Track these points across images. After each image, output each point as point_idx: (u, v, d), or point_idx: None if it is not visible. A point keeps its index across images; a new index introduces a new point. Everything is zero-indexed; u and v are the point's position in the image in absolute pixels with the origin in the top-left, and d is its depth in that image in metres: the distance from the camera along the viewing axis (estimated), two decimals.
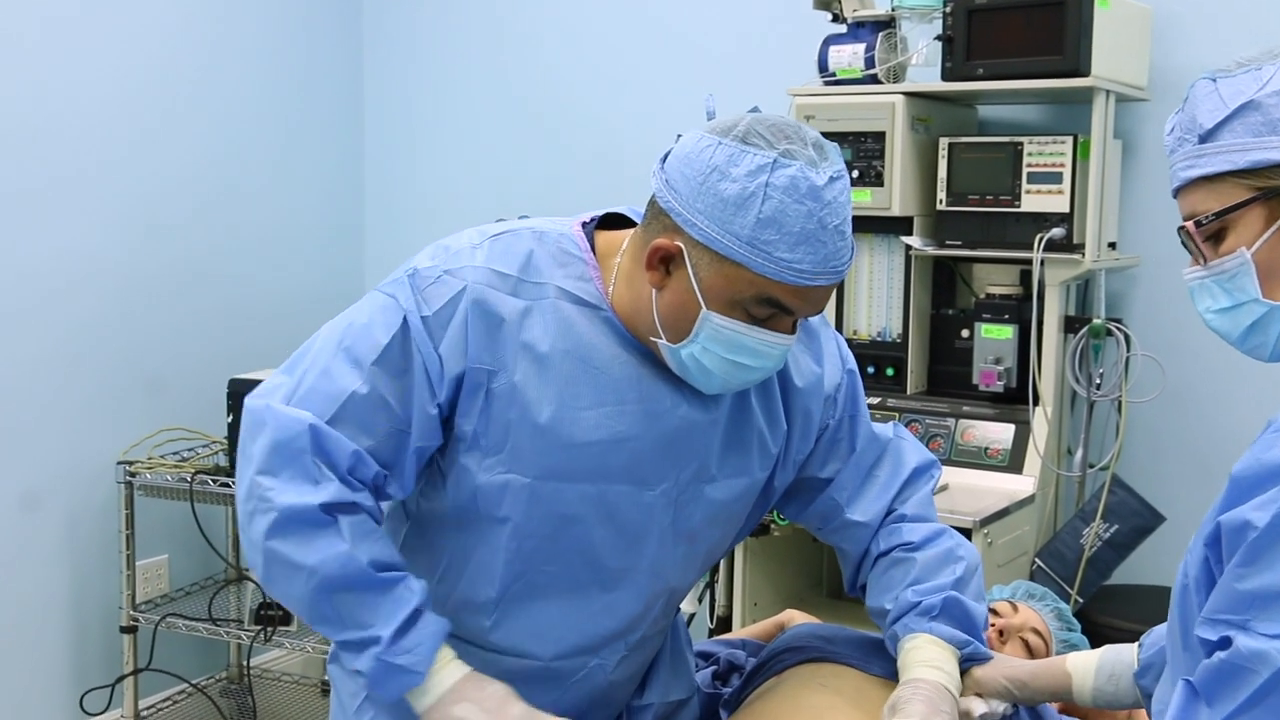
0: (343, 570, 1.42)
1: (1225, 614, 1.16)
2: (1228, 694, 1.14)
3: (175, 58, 3.57)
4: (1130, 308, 3.19)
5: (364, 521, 1.46)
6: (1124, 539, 2.85)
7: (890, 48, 3.08)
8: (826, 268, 1.41)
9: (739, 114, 1.45)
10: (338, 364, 1.47)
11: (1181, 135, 1.30)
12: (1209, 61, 3.32)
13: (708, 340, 1.44)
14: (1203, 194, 1.28)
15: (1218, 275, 1.28)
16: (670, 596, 1.67)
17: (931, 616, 1.62)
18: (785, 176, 1.38)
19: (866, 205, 3.02)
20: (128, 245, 3.46)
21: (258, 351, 3.71)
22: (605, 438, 1.50)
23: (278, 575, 1.45)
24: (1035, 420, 2.93)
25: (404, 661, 1.44)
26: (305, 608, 1.46)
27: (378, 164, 4.24)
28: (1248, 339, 1.29)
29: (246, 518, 1.47)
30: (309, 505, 1.42)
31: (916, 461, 1.75)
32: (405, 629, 1.44)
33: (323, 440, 1.44)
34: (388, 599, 1.44)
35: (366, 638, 1.44)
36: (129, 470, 3.31)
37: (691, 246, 1.41)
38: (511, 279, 1.50)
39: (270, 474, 1.44)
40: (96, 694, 3.39)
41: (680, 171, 1.43)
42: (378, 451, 1.47)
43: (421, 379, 1.46)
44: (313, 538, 1.42)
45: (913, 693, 1.54)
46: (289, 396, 1.47)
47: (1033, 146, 2.91)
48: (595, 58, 3.85)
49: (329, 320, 1.55)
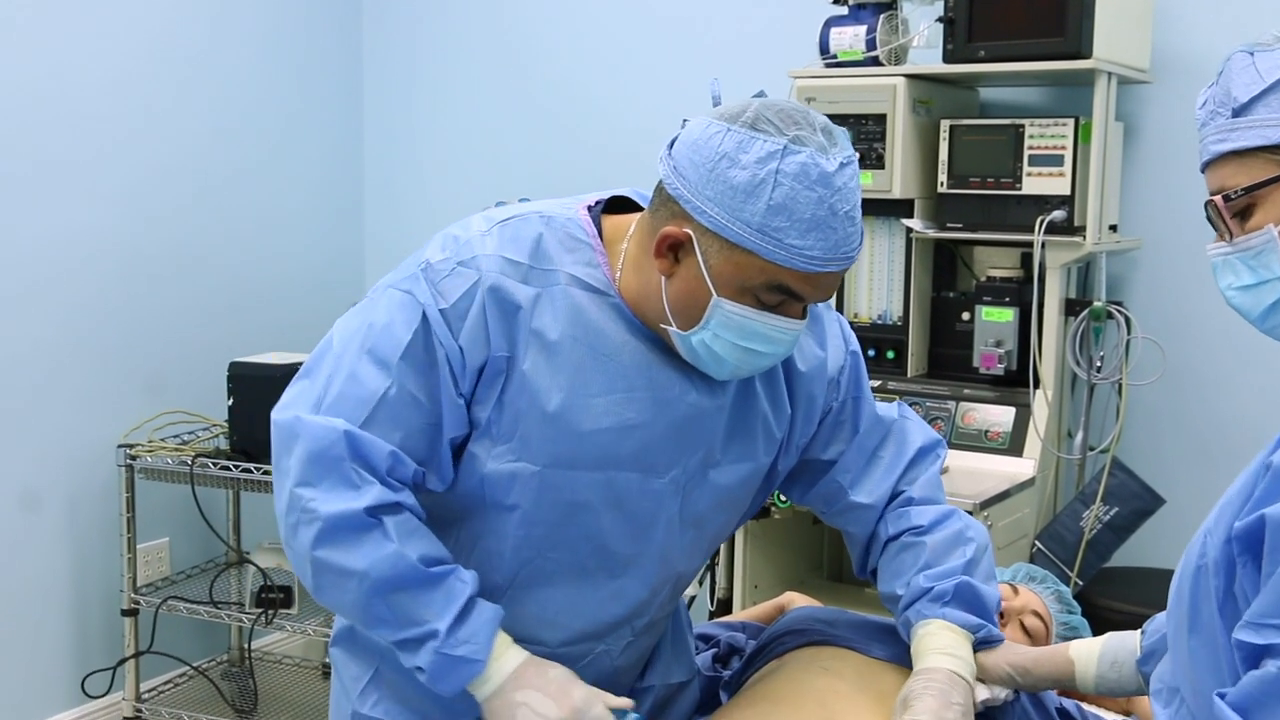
0: (394, 570, 1.43)
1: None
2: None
3: (174, 41, 3.56)
4: (1131, 290, 3.19)
5: (408, 520, 1.46)
6: (1124, 521, 2.85)
7: (891, 29, 3.07)
8: (837, 254, 1.40)
9: (746, 100, 1.44)
10: (363, 366, 1.46)
11: (1214, 109, 1.27)
12: (1212, 43, 3.32)
13: (719, 327, 1.44)
14: (1232, 169, 1.25)
15: (1242, 252, 1.26)
16: (677, 582, 1.67)
17: (944, 602, 1.62)
18: (796, 163, 1.37)
19: (867, 188, 3.00)
20: (129, 229, 3.46)
21: (258, 335, 3.71)
22: (614, 425, 1.50)
23: (328, 585, 1.46)
24: (1036, 403, 2.93)
25: (463, 652, 1.44)
26: (360, 613, 1.46)
27: (377, 147, 4.23)
28: (1268, 317, 1.27)
29: (290, 530, 1.46)
30: (353, 510, 1.42)
31: (921, 441, 1.75)
32: (461, 619, 1.44)
33: (359, 445, 1.44)
34: (440, 592, 1.45)
35: (424, 633, 1.44)
36: (130, 454, 3.31)
37: (701, 234, 1.41)
38: (523, 266, 1.49)
39: (310, 485, 1.44)
40: (98, 677, 3.40)
41: (688, 158, 1.42)
42: (413, 449, 1.47)
43: (446, 372, 1.46)
44: (360, 542, 1.43)
45: (925, 686, 1.54)
46: (317, 405, 1.47)
47: (1034, 129, 2.90)
48: (594, 40, 3.84)
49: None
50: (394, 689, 1.59)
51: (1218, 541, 1.22)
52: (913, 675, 1.57)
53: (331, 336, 1.53)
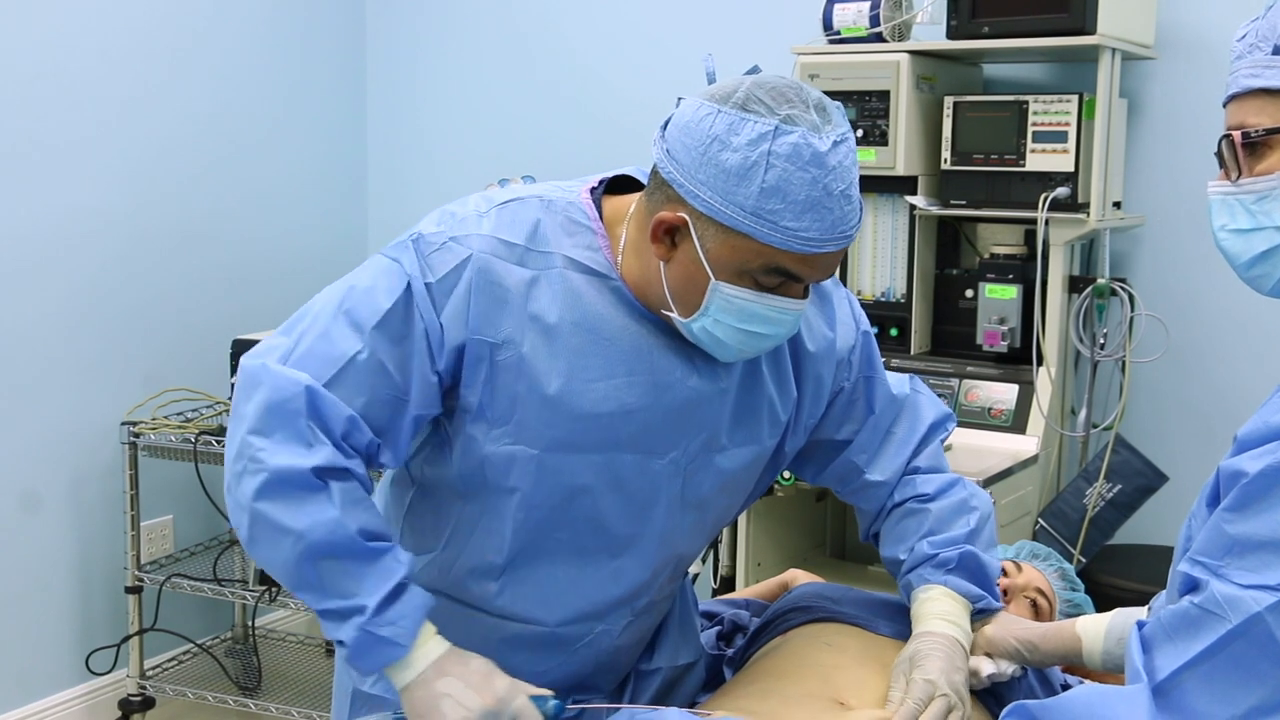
0: (330, 536, 1.39)
1: (1206, 556, 1.16)
2: (1191, 637, 1.14)
3: (175, 16, 3.55)
4: (1135, 267, 3.18)
5: (355, 489, 1.43)
6: (1127, 499, 2.85)
7: (895, 5, 3.06)
8: (834, 233, 1.38)
9: (738, 78, 1.43)
10: (338, 327, 1.44)
11: (1254, 42, 1.24)
12: (1216, 19, 3.30)
13: (719, 312, 1.43)
14: (1258, 106, 1.23)
15: (1246, 194, 1.24)
16: (678, 563, 1.67)
17: (948, 569, 1.63)
18: (787, 144, 1.35)
19: (871, 165, 3.00)
20: (131, 205, 3.45)
21: (261, 312, 3.70)
22: (614, 409, 1.49)
23: (263, 537, 1.42)
24: (1039, 380, 2.92)
25: (387, 633, 1.40)
26: (289, 573, 1.43)
27: (381, 122, 4.22)
28: (1254, 266, 1.26)
29: (235, 478, 1.43)
30: (301, 468, 1.39)
31: (933, 417, 1.76)
32: (390, 600, 1.41)
33: (319, 403, 1.41)
34: (374, 569, 1.41)
35: (350, 606, 1.40)
36: (133, 431, 3.31)
37: (696, 218, 1.39)
38: (519, 249, 1.47)
39: (262, 434, 1.41)
40: (102, 654, 3.41)
41: (681, 141, 1.40)
42: (373, 418, 1.44)
43: (422, 345, 1.44)
44: (303, 501, 1.39)
45: (931, 647, 1.54)
46: (286, 357, 1.44)
47: (1038, 105, 2.89)
48: (599, 15, 3.82)
49: (332, 281, 1.54)
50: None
51: (1201, 519, 1.23)
52: (915, 636, 1.58)
53: (316, 296, 1.51)
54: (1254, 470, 1.14)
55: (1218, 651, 1.13)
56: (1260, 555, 1.12)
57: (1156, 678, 1.18)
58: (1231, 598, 1.12)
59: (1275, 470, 1.12)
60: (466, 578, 1.58)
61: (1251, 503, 1.14)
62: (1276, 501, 1.12)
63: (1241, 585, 1.12)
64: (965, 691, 1.53)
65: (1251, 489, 1.14)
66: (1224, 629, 1.13)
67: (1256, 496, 1.13)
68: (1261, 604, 1.11)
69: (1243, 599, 1.12)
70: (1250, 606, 1.11)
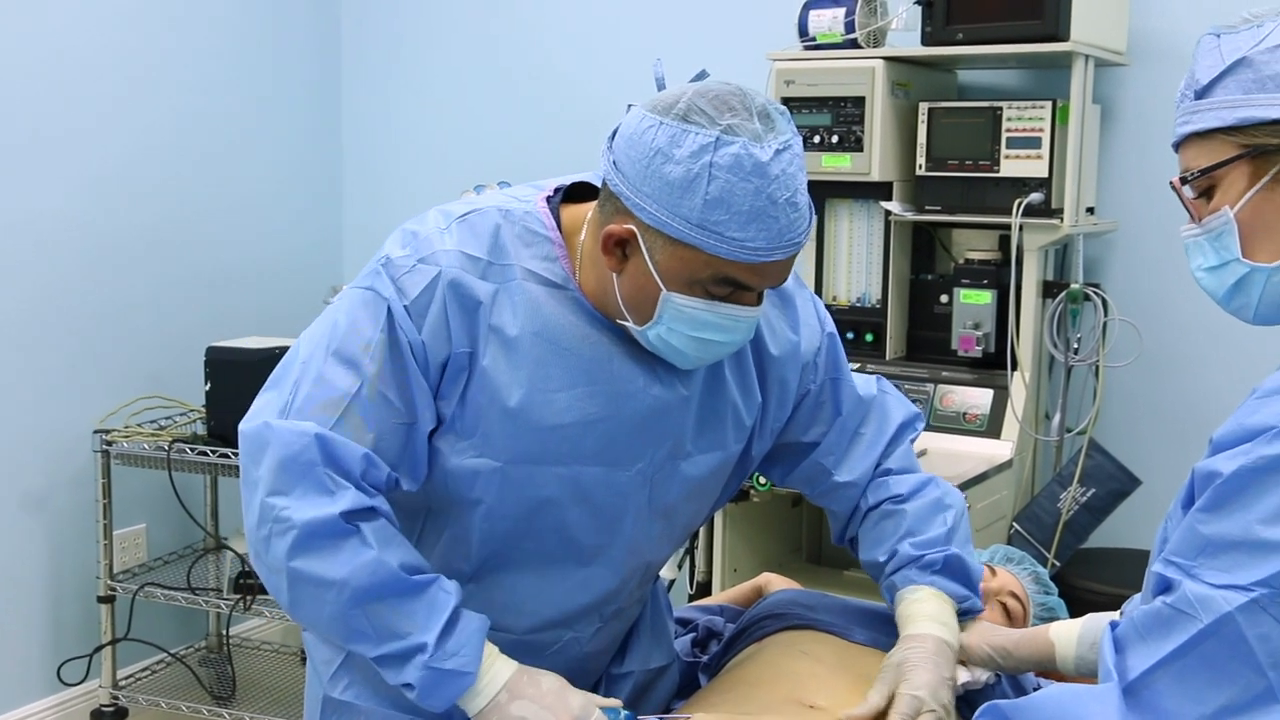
0: (374, 578, 1.38)
1: (1180, 556, 1.17)
2: (1163, 637, 1.15)
3: (150, 18, 3.53)
4: (1108, 272, 3.20)
5: (385, 526, 1.43)
6: (1101, 503, 2.87)
7: (870, 12, 3.07)
8: (781, 242, 1.38)
9: (682, 86, 1.42)
10: (331, 368, 1.43)
11: (1184, 91, 1.29)
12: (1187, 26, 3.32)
13: (672, 321, 1.43)
14: (1195, 150, 1.27)
15: (1207, 233, 1.27)
16: (647, 570, 1.66)
17: (935, 570, 1.63)
18: (729, 155, 1.35)
19: (846, 170, 3.01)
20: (103, 210, 3.43)
21: (236, 318, 3.69)
22: (577, 420, 1.48)
23: (305, 597, 1.40)
24: (1013, 385, 2.94)
25: (453, 665, 1.39)
26: (339, 626, 1.41)
27: (356, 128, 4.21)
28: (1232, 299, 1.29)
29: (263, 544, 1.40)
30: (330, 516, 1.37)
31: (902, 417, 1.76)
32: (448, 631, 1.40)
33: (332, 449, 1.39)
34: (423, 603, 1.40)
35: (409, 647, 1.39)
36: (106, 439, 3.29)
37: (644, 230, 1.39)
38: (482, 262, 1.47)
39: (282, 493, 1.39)
40: (74, 664, 3.38)
41: (626, 154, 1.40)
42: (385, 450, 1.43)
43: (414, 365, 1.44)
44: (338, 549, 1.38)
45: (920, 657, 1.54)
46: (285, 410, 1.43)
47: (1012, 111, 2.91)
48: (574, 22, 3.83)
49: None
50: (364, 673, 1.58)
51: (1176, 522, 1.24)
52: (903, 639, 1.58)
53: (297, 346, 1.50)
54: (1228, 471, 1.15)
55: (1189, 651, 1.14)
56: (1232, 555, 1.13)
57: (1128, 677, 1.18)
58: (1203, 597, 1.13)
59: (1249, 471, 1.13)
60: None
61: (1225, 503, 1.15)
62: (1249, 501, 1.13)
63: (1214, 585, 1.13)
64: (952, 704, 1.53)
65: (1225, 489, 1.15)
66: (1195, 629, 1.13)
67: (1230, 496, 1.14)
68: (1233, 604, 1.11)
69: (1214, 599, 1.13)
70: (1221, 606, 1.12)
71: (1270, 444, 1.12)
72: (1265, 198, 1.23)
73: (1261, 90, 1.21)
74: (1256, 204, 1.23)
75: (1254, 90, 1.21)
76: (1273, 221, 1.23)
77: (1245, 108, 1.22)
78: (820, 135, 3.02)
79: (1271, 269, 1.24)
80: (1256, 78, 1.22)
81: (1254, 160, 1.22)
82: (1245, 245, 1.25)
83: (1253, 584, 1.11)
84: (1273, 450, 1.12)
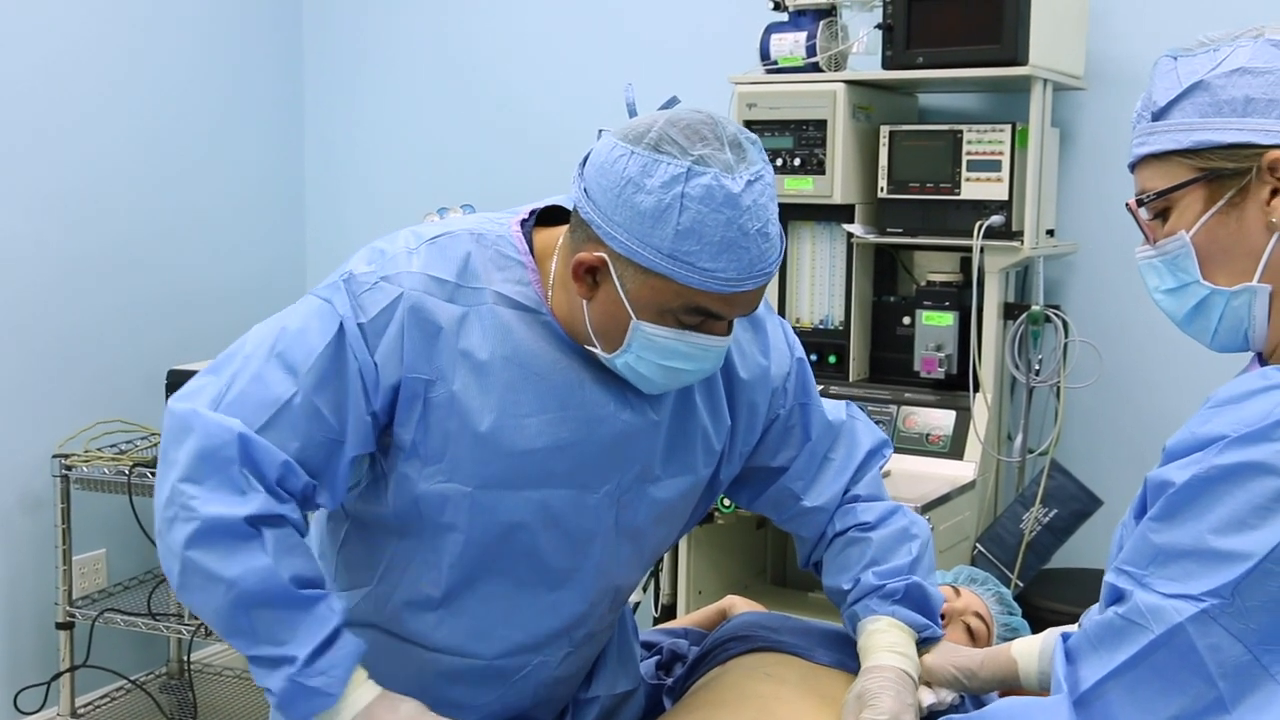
0: (263, 585, 1.38)
1: (1132, 565, 1.18)
2: (1114, 647, 1.16)
3: (107, 34, 3.51)
4: (1068, 294, 3.23)
5: (289, 535, 1.42)
6: (1063, 523, 2.88)
7: (831, 36, 3.09)
8: (753, 272, 1.39)
9: (653, 114, 1.42)
10: (270, 370, 1.43)
11: (1140, 112, 1.30)
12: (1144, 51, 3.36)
13: (641, 349, 1.43)
14: (1151, 172, 1.29)
15: (1163, 255, 1.29)
16: (616, 594, 1.66)
17: (895, 600, 1.63)
18: (700, 186, 1.35)
19: (808, 193, 3.03)
20: (62, 231, 3.40)
21: (196, 341, 3.66)
22: (547, 445, 1.48)
23: (194, 585, 1.40)
24: (976, 406, 2.95)
25: (317, 683, 1.39)
26: (220, 620, 1.41)
27: (318, 150, 4.19)
28: (1191, 321, 1.30)
29: (165, 523, 1.41)
30: (234, 517, 1.37)
31: (870, 444, 1.76)
32: (322, 650, 1.40)
33: (252, 450, 1.39)
34: (307, 617, 1.40)
35: (281, 656, 1.39)
36: (65, 464, 3.26)
37: (615, 258, 1.39)
38: (449, 285, 1.47)
39: (194, 482, 1.39)
40: (31, 692, 3.34)
41: (597, 182, 1.40)
42: (308, 461, 1.43)
43: (357, 385, 1.43)
44: (235, 550, 1.38)
45: (881, 685, 1.54)
46: (217, 401, 1.42)
47: (972, 135, 2.93)
48: (537, 46, 3.83)
49: (269, 309, 1.52)
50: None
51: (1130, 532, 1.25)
52: (864, 671, 1.58)
53: (245, 337, 1.49)
54: (1180, 480, 1.16)
55: (1140, 662, 1.15)
56: (1183, 564, 1.14)
57: (1079, 688, 1.19)
58: (1154, 607, 1.14)
59: (1201, 480, 1.15)
60: (403, 611, 1.56)
61: (1177, 512, 1.16)
62: (1201, 511, 1.14)
63: (1165, 595, 1.14)
64: None
65: (1176, 499, 1.16)
66: (1146, 639, 1.14)
67: (1182, 506, 1.15)
68: (1183, 614, 1.12)
69: (1165, 609, 1.14)
70: (1173, 617, 1.13)
71: (1222, 453, 1.14)
72: (1220, 221, 1.24)
73: (1218, 114, 1.23)
74: (1211, 227, 1.25)
75: (1210, 114, 1.23)
76: (1228, 245, 1.24)
77: (1202, 131, 1.23)
78: (783, 158, 3.04)
79: (1230, 293, 1.25)
80: (1213, 101, 1.23)
81: (1209, 184, 1.24)
82: (1203, 269, 1.26)
83: (1203, 594, 1.12)
84: (1224, 460, 1.13)
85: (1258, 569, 1.10)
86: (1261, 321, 1.26)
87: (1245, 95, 1.22)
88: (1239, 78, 1.22)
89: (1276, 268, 1.23)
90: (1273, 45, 1.23)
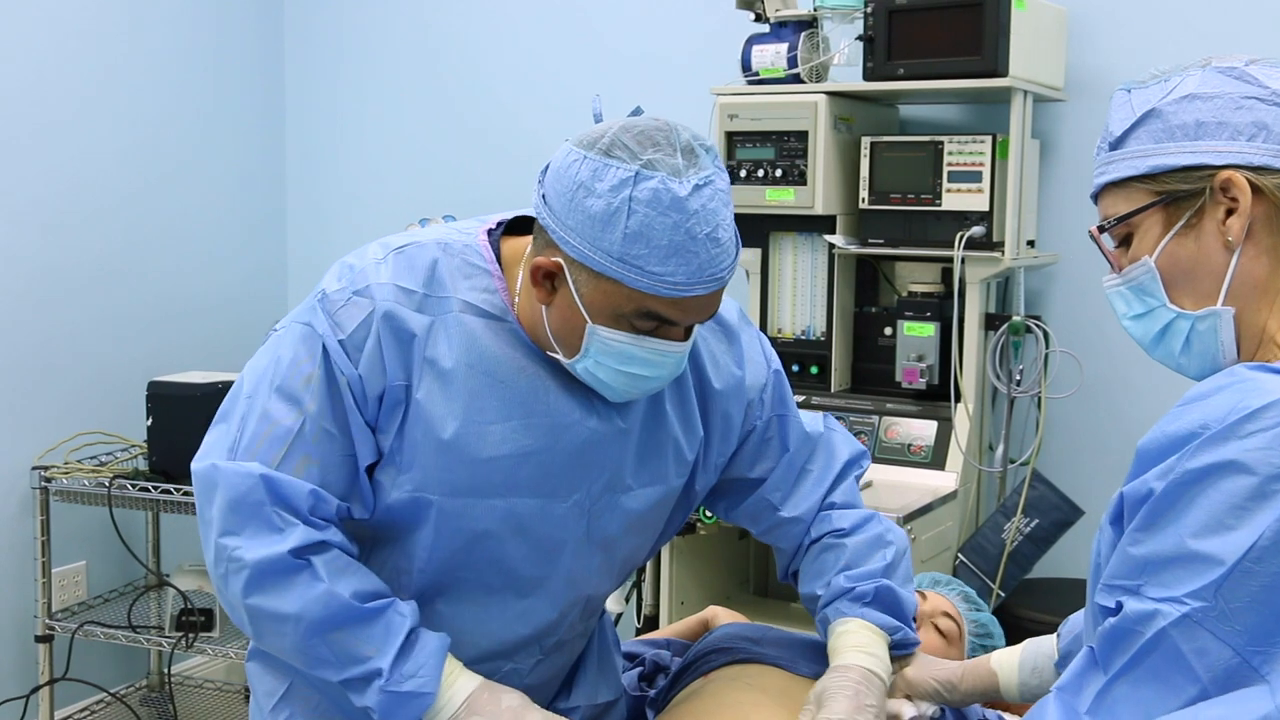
0: (327, 610, 1.42)
1: (1120, 580, 1.19)
2: (1116, 657, 1.17)
3: (87, 43, 3.50)
4: (1049, 305, 3.24)
5: (337, 557, 1.45)
6: (1044, 533, 2.89)
7: (812, 47, 3.10)
8: (702, 277, 1.40)
9: (610, 121, 1.44)
10: (274, 404, 1.46)
11: (1099, 144, 1.35)
12: (1123, 63, 3.38)
13: (599, 354, 1.44)
14: (1112, 199, 1.32)
15: (1129, 282, 1.32)
16: (587, 603, 1.67)
17: (865, 602, 1.64)
18: (647, 189, 1.36)
19: (789, 204, 3.04)
20: (43, 241, 3.39)
21: (177, 352, 3.65)
22: (512, 452, 1.49)
23: (266, 630, 1.45)
24: (957, 417, 2.96)
25: (411, 687, 1.43)
26: (301, 656, 1.45)
27: (300, 160, 4.19)
28: (1159, 345, 1.33)
29: (221, 581, 1.46)
30: (279, 554, 1.41)
31: (848, 455, 1.77)
32: (404, 653, 1.43)
33: (278, 487, 1.43)
34: (379, 627, 1.44)
35: (367, 672, 1.43)
36: (45, 476, 3.24)
37: (570, 263, 1.41)
38: (416, 295, 1.49)
39: (233, 533, 1.43)
40: (10, 705, 3.32)
41: (553, 188, 1.42)
42: (333, 483, 1.46)
43: (350, 400, 1.46)
44: (289, 585, 1.42)
45: (839, 685, 1.55)
46: (233, 449, 1.46)
47: (953, 146, 2.94)
48: (519, 56, 3.84)
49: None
50: (306, 704, 1.58)
51: (1107, 539, 1.26)
52: (828, 672, 1.59)
53: (242, 379, 1.52)
54: (1159, 489, 1.17)
55: (1135, 666, 1.15)
56: (1171, 570, 1.15)
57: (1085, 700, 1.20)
58: (1145, 613, 1.15)
59: (1175, 486, 1.16)
60: None
61: (1155, 521, 1.17)
62: (1177, 516, 1.15)
63: (1155, 600, 1.15)
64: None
65: (1154, 508, 1.17)
66: (1138, 644, 1.15)
67: (1159, 514, 1.16)
68: (1168, 618, 1.13)
69: (1152, 613, 1.14)
70: (1158, 621, 1.14)
71: (1193, 457, 1.15)
72: (1180, 243, 1.27)
73: (1171, 139, 1.27)
74: (1172, 250, 1.28)
75: (1164, 139, 1.27)
76: (1190, 267, 1.27)
77: (1156, 156, 1.27)
78: (764, 169, 3.05)
79: (1196, 316, 1.28)
80: (1165, 127, 1.27)
81: (1167, 207, 1.27)
82: (1168, 292, 1.29)
83: (1185, 596, 1.13)
84: (1196, 463, 1.14)
85: (1237, 568, 1.11)
86: (1230, 345, 1.28)
87: (1196, 119, 1.26)
88: (1189, 103, 1.27)
89: (1239, 288, 1.26)
90: (1219, 73, 1.28)
